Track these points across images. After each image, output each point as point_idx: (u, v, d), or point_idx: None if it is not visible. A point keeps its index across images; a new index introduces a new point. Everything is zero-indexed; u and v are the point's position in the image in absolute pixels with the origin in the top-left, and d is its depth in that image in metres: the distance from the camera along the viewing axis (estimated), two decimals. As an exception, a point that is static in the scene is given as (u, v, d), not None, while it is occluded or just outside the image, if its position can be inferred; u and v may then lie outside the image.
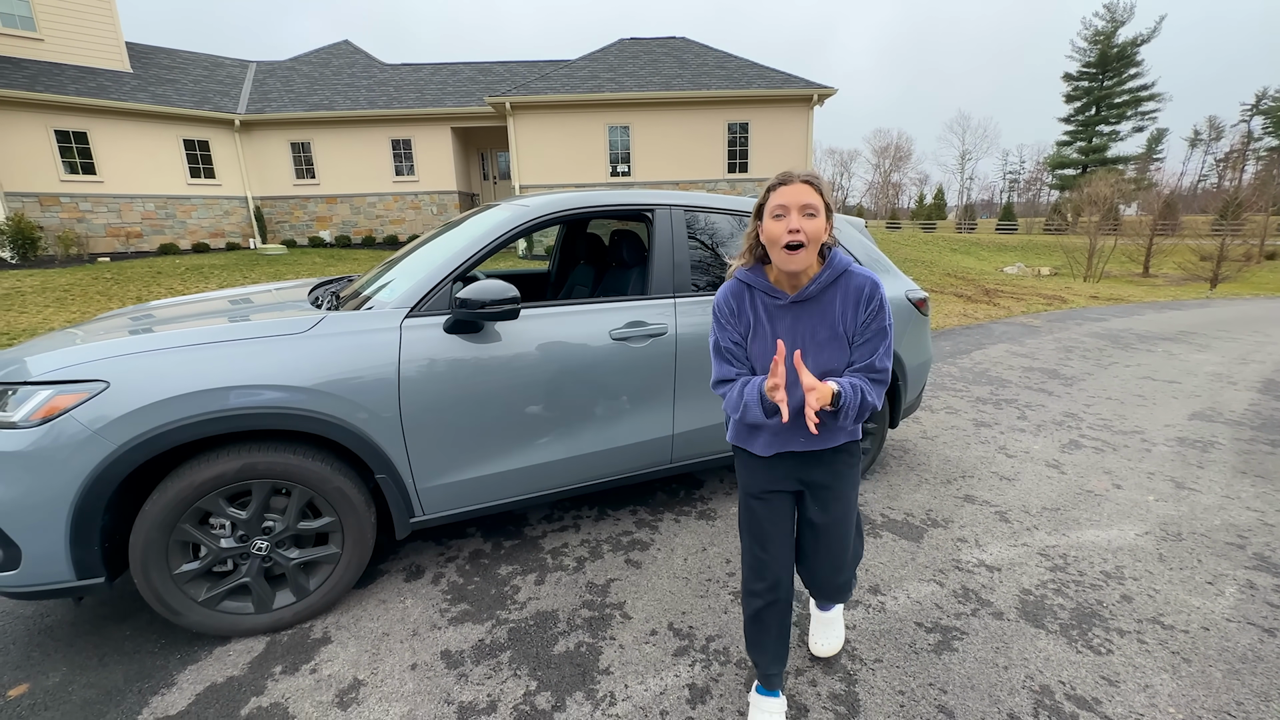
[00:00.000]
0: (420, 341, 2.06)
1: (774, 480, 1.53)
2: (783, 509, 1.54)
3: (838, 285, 1.41)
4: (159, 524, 1.77)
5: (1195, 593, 2.23)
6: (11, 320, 7.10)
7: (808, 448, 1.49)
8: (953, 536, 2.63)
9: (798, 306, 1.42)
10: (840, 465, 1.53)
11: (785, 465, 1.52)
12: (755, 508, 1.55)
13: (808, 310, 1.42)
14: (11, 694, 1.74)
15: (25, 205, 12.98)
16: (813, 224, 1.32)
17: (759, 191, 1.43)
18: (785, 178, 1.35)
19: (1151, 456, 3.59)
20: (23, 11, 13.73)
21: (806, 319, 1.42)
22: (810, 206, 1.32)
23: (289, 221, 16.99)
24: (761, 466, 1.54)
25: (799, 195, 1.32)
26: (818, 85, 15.55)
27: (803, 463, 1.51)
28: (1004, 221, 39.39)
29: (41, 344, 1.94)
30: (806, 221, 1.32)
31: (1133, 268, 24.55)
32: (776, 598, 1.54)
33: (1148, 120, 42.74)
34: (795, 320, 1.42)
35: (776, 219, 1.34)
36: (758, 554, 1.55)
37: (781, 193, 1.34)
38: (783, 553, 1.54)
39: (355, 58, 18.93)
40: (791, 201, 1.32)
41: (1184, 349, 7.03)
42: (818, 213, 1.33)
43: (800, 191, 1.32)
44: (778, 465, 1.52)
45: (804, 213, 1.32)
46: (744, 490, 1.59)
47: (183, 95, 15.45)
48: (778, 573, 1.53)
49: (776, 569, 1.53)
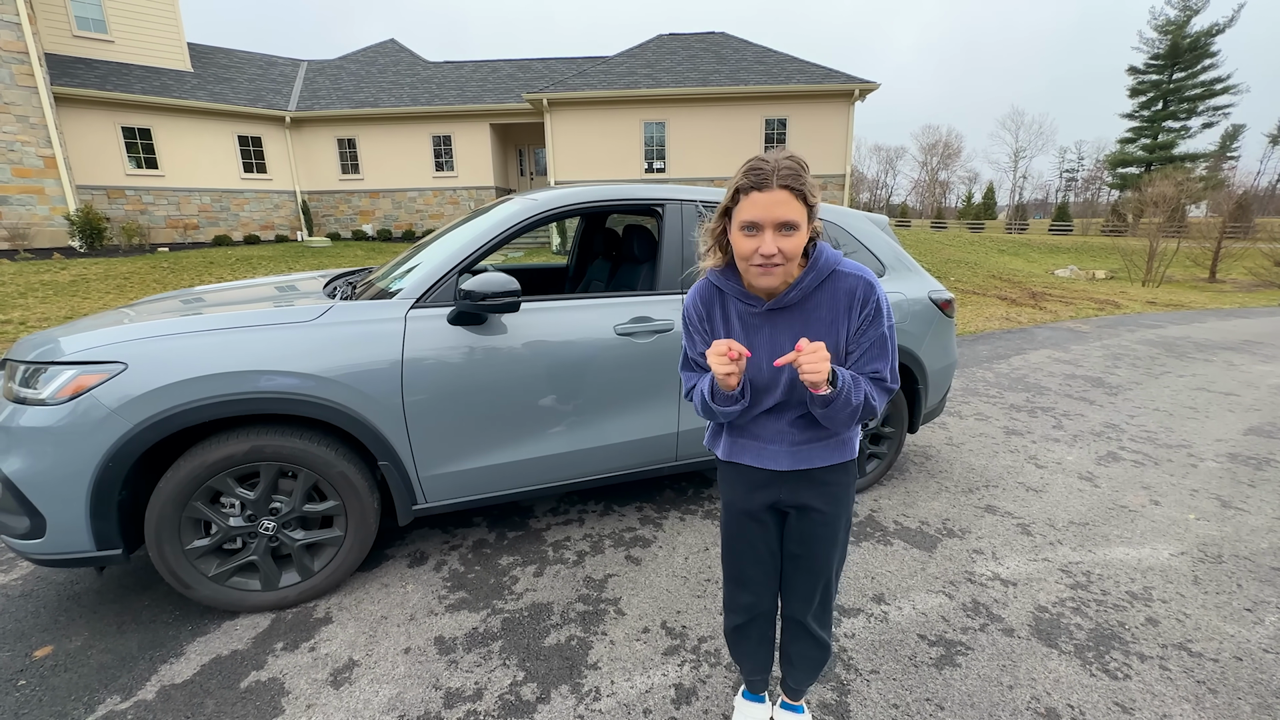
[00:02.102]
0: (424, 332, 2.09)
1: (758, 498, 1.36)
2: (765, 528, 1.38)
3: (825, 288, 1.20)
4: (172, 500, 1.85)
5: (1231, 619, 2.08)
6: (76, 305, 7.58)
7: (795, 466, 1.30)
8: (968, 548, 2.52)
9: (775, 314, 1.22)
10: (834, 487, 1.33)
11: (771, 484, 1.34)
12: (736, 528, 1.41)
13: (788, 319, 1.22)
14: (37, 655, 1.86)
15: (94, 197, 13.85)
16: (791, 241, 1.09)
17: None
18: (758, 179, 1.06)
19: (1197, 472, 3.37)
20: (96, 15, 14.62)
21: (787, 329, 1.21)
22: (789, 223, 1.07)
23: (334, 215, 17.60)
24: (743, 483, 1.37)
25: (775, 209, 1.06)
26: (859, 80, 15.17)
27: (789, 482, 1.33)
28: (1058, 222, 37.60)
29: (85, 324, 2.04)
30: (784, 240, 1.08)
31: (1198, 272, 23.09)
32: (757, 613, 1.45)
33: (1220, 115, 40.04)
34: (774, 330, 1.22)
35: (747, 234, 1.10)
36: (736, 576, 1.44)
37: (755, 203, 1.07)
38: (764, 573, 1.41)
39: (400, 56, 19.44)
40: (765, 217, 1.07)
41: (1247, 359, 6.57)
42: (799, 226, 1.08)
43: (776, 203, 1.05)
44: (761, 481, 1.35)
45: (780, 231, 1.08)
46: (726, 506, 1.43)
47: (238, 93, 16.18)
48: (757, 593, 1.43)
49: (756, 589, 1.43)
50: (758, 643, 1.50)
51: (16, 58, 11.29)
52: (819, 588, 1.40)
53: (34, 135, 11.69)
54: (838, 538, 1.37)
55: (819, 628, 1.44)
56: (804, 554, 1.37)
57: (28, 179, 11.74)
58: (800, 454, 1.30)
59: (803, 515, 1.35)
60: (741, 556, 1.42)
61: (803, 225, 1.10)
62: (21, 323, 6.60)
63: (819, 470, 1.32)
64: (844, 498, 1.35)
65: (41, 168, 11.86)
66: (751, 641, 1.50)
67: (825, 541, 1.35)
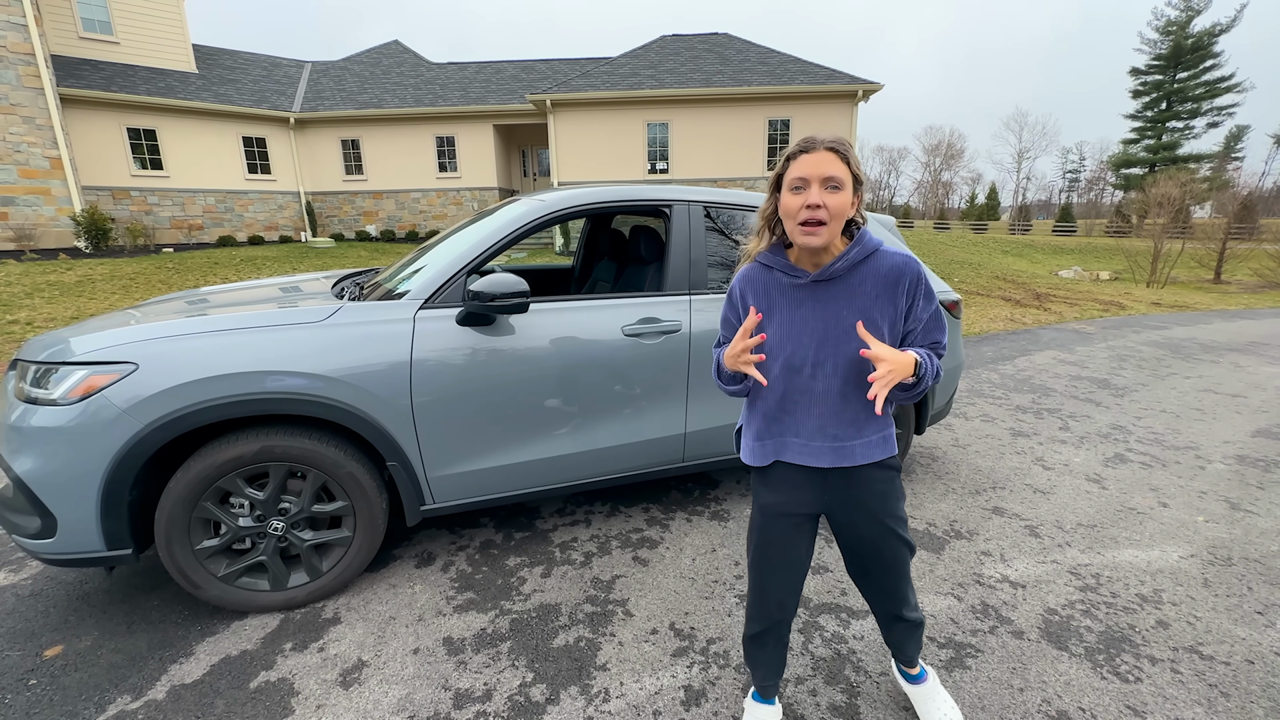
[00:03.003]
0: (433, 333, 2.09)
1: (791, 502, 1.35)
2: (799, 533, 1.38)
3: (868, 265, 1.24)
4: (182, 501, 1.85)
5: (1241, 622, 2.07)
6: (82, 306, 7.61)
7: (837, 463, 1.29)
8: (976, 549, 2.52)
9: (820, 287, 1.25)
10: (877, 481, 1.33)
11: (807, 485, 1.34)
12: (767, 530, 1.39)
13: (832, 292, 1.24)
14: (47, 654, 1.86)
15: (99, 198, 13.90)
16: (836, 198, 1.16)
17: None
18: (807, 144, 1.18)
19: (1205, 474, 3.36)
20: (102, 17, 14.68)
21: (831, 302, 1.24)
22: (834, 179, 1.15)
23: (338, 216, 17.64)
24: (776, 485, 1.37)
25: (821, 165, 1.15)
26: (863, 81, 15.16)
27: (829, 481, 1.33)
28: (1061, 223, 37.53)
29: (93, 324, 2.05)
30: (829, 196, 1.15)
31: (1202, 273, 23.01)
32: (779, 620, 1.45)
33: (1225, 115, 39.92)
34: (817, 302, 1.25)
35: (795, 192, 1.18)
36: (763, 581, 1.43)
37: (802, 162, 1.17)
38: (792, 579, 1.41)
39: (404, 57, 19.48)
40: (812, 173, 1.15)
41: (1254, 361, 6.54)
42: (843, 185, 1.16)
43: (823, 161, 1.15)
44: (797, 485, 1.34)
45: (826, 186, 1.16)
46: (759, 507, 1.41)
47: (243, 94, 16.23)
48: (782, 598, 1.43)
49: (781, 594, 1.42)
50: (774, 649, 1.49)
51: (23, 59, 11.34)
52: (898, 582, 1.44)
53: (40, 136, 11.73)
54: (898, 522, 1.38)
55: (910, 611, 1.49)
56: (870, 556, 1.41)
57: (34, 180, 11.79)
58: (842, 451, 1.30)
59: (850, 512, 1.37)
60: (771, 564, 1.41)
61: (847, 187, 1.18)
62: (28, 323, 6.62)
63: (864, 468, 1.32)
64: (890, 493, 1.36)
65: (47, 169, 11.90)
66: (768, 649, 1.49)
67: (885, 539, 1.38)
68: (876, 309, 1.24)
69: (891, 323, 1.26)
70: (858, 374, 1.25)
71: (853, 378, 1.25)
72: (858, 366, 1.24)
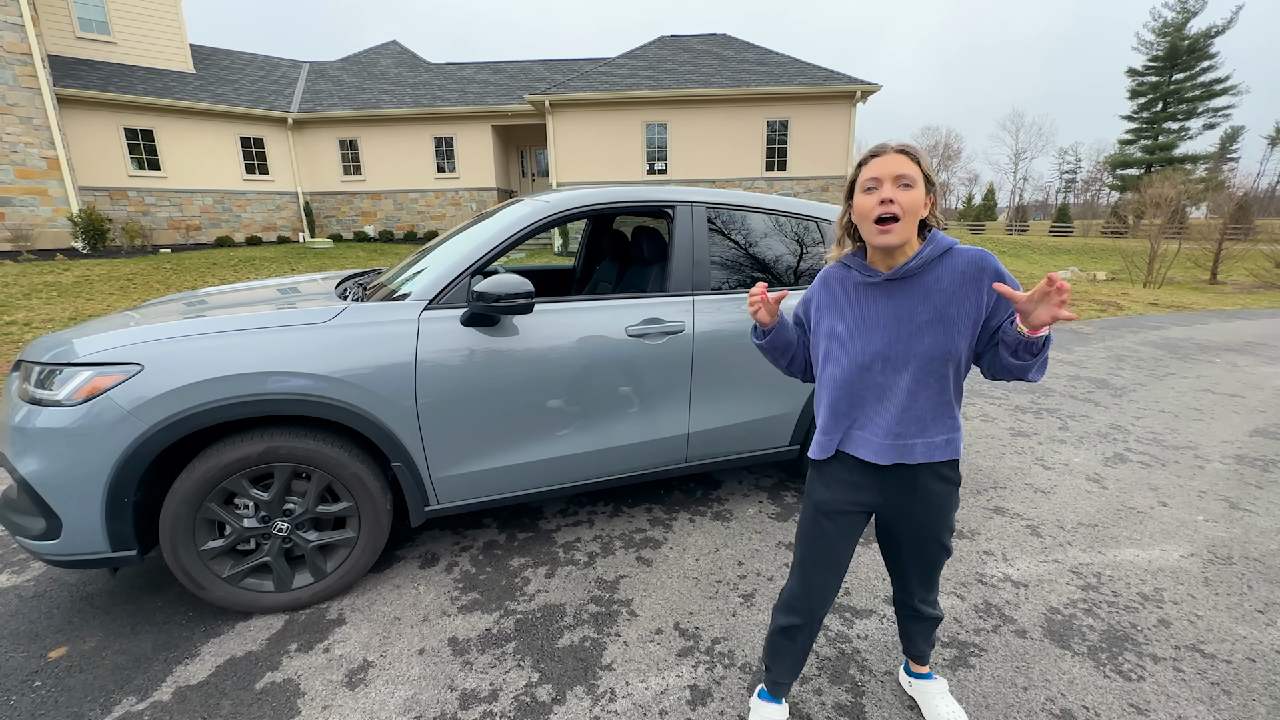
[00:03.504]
0: (437, 334, 2.09)
1: (846, 498, 1.37)
2: (852, 531, 1.39)
3: (943, 263, 1.25)
4: (187, 502, 1.85)
5: (1242, 621, 2.08)
6: (80, 306, 7.58)
7: (899, 460, 1.29)
8: (978, 549, 2.53)
9: (894, 285, 1.27)
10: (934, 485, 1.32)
11: (865, 482, 1.35)
12: (823, 527, 1.39)
13: (906, 290, 1.26)
14: (51, 656, 1.86)
15: (96, 198, 13.85)
16: (909, 195, 1.19)
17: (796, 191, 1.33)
18: (878, 149, 1.23)
19: (1204, 474, 3.37)
20: (99, 16, 14.63)
21: (904, 299, 1.25)
22: (905, 177, 1.19)
23: (336, 216, 17.61)
24: (833, 479, 1.38)
25: (892, 166, 1.20)
26: (860, 82, 15.18)
27: (887, 479, 1.34)
28: (1058, 223, 37.63)
29: (94, 326, 2.05)
30: (901, 193, 1.19)
31: (1199, 274, 23.10)
32: (813, 618, 1.46)
33: (1221, 116, 40.10)
34: (890, 299, 1.27)
35: (867, 192, 1.22)
36: (809, 577, 1.43)
37: (873, 165, 1.22)
38: (837, 577, 1.43)
39: (402, 57, 19.46)
40: (884, 173, 1.20)
41: (1251, 361, 6.57)
42: (915, 184, 1.19)
43: (894, 162, 1.20)
44: (853, 481, 1.36)
45: (899, 184, 1.19)
46: (812, 503, 1.42)
47: (240, 95, 16.20)
48: (825, 595, 1.44)
49: (825, 592, 1.43)
50: (802, 644, 1.49)
51: (20, 59, 11.30)
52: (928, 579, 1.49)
53: (37, 136, 11.69)
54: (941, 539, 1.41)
55: (930, 607, 1.55)
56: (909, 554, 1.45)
57: (31, 180, 11.75)
58: (905, 449, 1.29)
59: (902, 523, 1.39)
60: (819, 562, 1.42)
61: (919, 185, 1.21)
62: (26, 324, 6.60)
63: (925, 469, 1.31)
64: (947, 506, 1.36)
65: (45, 169, 11.86)
66: (797, 643, 1.49)
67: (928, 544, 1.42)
68: (954, 305, 1.23)
69: (974, 320, 1.24)
70: (927, 371, 1.25)
71: (922, 375, 1.26)
72: (927, 364, 1.25)
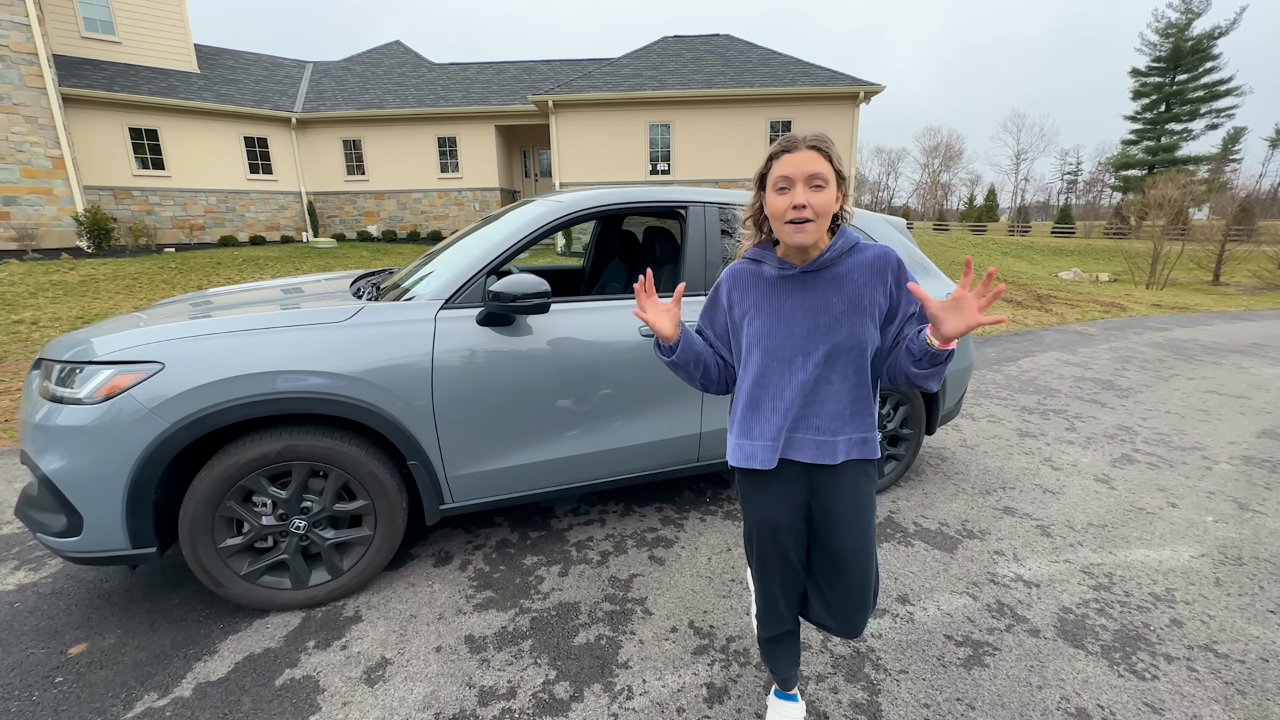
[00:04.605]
0: (454, 333, 2.11)
1: (781, 504, 1.35)
2: (794, 535, 1.38)
3: (854, 256, 1.27)
4: (206, 500, 1.86)
5: (1255, 621, 2.09)
6: (86, 305, 7.61)
7: (819, 460, 1.30)
8: (989, 549, 2.54)
9: (809, 278, 1.27)
10: (858, 484, 1.33)
11: (793, 484, 1.34)
12: (762, 539, 1.39)
13: (820, 281, 1.27)
14: (72, 651, 1.87)
15: (101, 198, 13.89)
16: (821, 197, 1.17)
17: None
18: (789, 143, 1.19)
19: (1212, 475, 3.38)
20: (104, 16, 14.67)
21: (819, 290, 1.26)
22: (818, 177, 1.16)
23: (339, 216, 17.64)
24: (765, 488, 1.36)
25: (804, 164, 1.16)
26: (864, 82, 15.19)
27: (813, 480, 1.34)
28: (1060, 224, 37.62)
29: (108, 326, 2.06)
30: (814, 195, 1.17)
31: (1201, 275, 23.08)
32: (788, 622, 1.48)
33: (1224, 117, 39.97)
34: (806, 291, 1.27)
35: (780, 192, 1.19)
36: (767, 590, 1.44)
37: (785, 162, 1.18)
38: (794, 579, 1.42)
39: (405, 57, 19.49)
40: (796, 172, 1.17)
41: (1256, 362, 6.57)
42: (826, 183, 1.17)
43: (805, 160, 1.16)
44: (784, 485, 1.35)
45: (810, 184, 1.17)
46: (748, 518, 1.42)
47: (244, 94, 16.23)
48: (790, 601, 1.45)
49: (788, 596, 1.44)
50: (789, 646, 1.52)
51: (26, 59, 11.33)
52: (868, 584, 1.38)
53: (42, 136, 11.72)
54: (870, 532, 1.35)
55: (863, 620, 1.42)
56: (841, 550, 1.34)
57: (36, 179, 11.77)
58: (825, 446, 1.30)
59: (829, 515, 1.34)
60: (773, 573, 1.41)
61: (831, 185, 1.19)
62: (33, 323, 6.62)
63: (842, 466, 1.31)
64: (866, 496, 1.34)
65: (50, 168, 11.89)
66: (784, 646, 1.52)
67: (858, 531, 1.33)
68: (866, 295, 1.25)
69: (882, 310, 1.27)
70: (846, 363, 1.26)
71: (842, 367, 1.26)
72: (845, 355, 1.25)
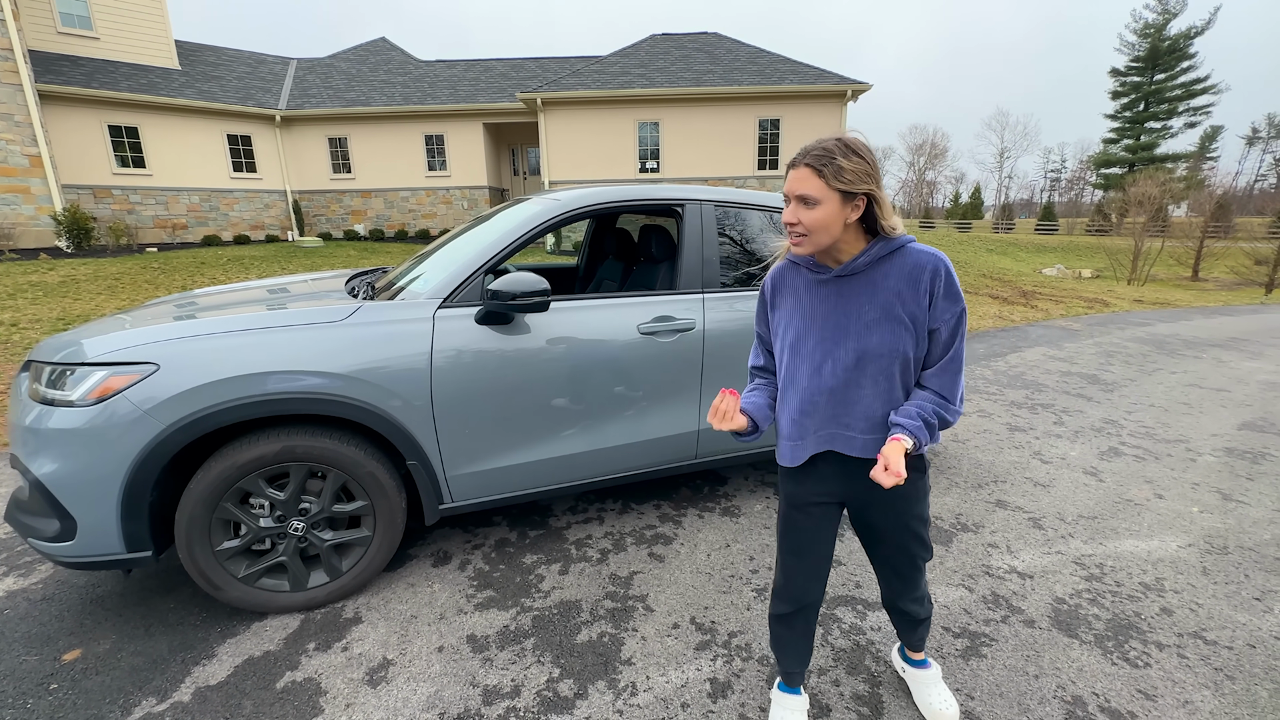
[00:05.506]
0: (452, 332, 2.10)
1: (817, 490, 1.40)
2: (824, 520, 1.43)
3: (893, 260, 1.25)
4: (203, 502, 1.84)
5: (1241, 608, 2.14)
6: (67, 306, 7.46)
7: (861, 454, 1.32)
8: (983, 542, 2.57)
9: (843, 282, 1.28)
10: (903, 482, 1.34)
11: (829, 477, 1.39)
12: (795, 519, 1.45)
13: (854, 286, 1.27)
14: (66, 658, 1.84)
15: (80, 197, 13.61)
16: (810, 214, 1.18)
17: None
18: (795, 158, 1.21)
19: (1196, 466, 3.45)
20: (81, 11, 14.36)
21: (852, 295, 1.27)
22: (805, 197, 1.18)
23: (325, 215, 17.43)
24: (802, 478, 1.41)
25: (795, 184, 1.20)
26: (852, 81, 15.28)
27: (855, 472, 1.36)
28: (1044, 222, 38.14)
29: (94, 328, 2.03)
30: (804, 212, 1.19)
31: (1181, 271, 23.54)
32: (805, 604, 1.49)
33: (1201, 116, 40.79)
34: (839, 296, 1.28)
35: (786, 204, 1.24)
36: (791, 564, 1.48)
37: (789, 177, 1.22)
38: (819, 565, 1.46)
39: (391, 54, 19.30)
40: (790, 190, 1.21)
41: (1235, 356, 6.72)
42: (820, 201, 1.17)
43: (798, 179, 1.19)
44: (819, 477, 1.39)
45: (800, 203, 1.20)
46: (784, 497, 1.47)
47: (227, 91, 15.97)
48: (810, 582, 1.47)
49: (808, 580, 1.47)
50: (801, 632, 1.52)
51: (1, 55, 11.07)
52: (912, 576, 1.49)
53: (19, 134, 11.45)
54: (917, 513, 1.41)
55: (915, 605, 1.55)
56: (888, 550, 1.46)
57: (13, 178, 11.51)
58: (864, 443, 1.32)
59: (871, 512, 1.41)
60: (797, 551, 1.46)
61: (826, 203, 1.18)
62: (13, 324, 6.48)
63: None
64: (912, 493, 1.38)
65: (27, 166, 11.63)
66: (795, 630, 1.52)
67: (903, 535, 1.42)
68: (899, 303, 1.24)
69: (914, 318, 1.24)
70: (877, 370, 1.27)
71: (872, 373, 1.27)
72: (875, 362, 1.26)
